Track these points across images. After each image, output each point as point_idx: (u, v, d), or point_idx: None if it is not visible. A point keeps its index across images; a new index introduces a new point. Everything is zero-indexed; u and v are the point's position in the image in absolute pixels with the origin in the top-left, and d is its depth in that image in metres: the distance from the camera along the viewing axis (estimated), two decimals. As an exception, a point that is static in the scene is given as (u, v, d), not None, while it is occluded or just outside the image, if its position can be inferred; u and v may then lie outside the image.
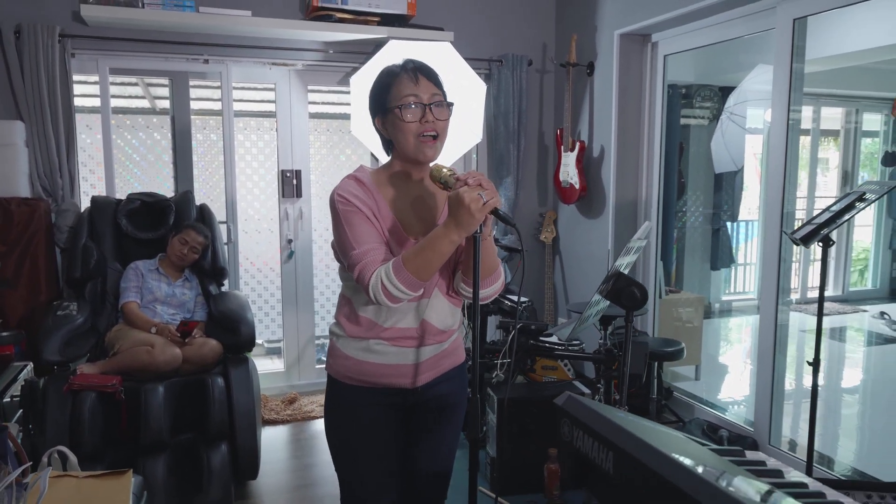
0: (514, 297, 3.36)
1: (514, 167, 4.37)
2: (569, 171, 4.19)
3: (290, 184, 4.20)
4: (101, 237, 3.42)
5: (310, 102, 4.23)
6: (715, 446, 0.98)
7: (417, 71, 1.60)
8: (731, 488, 0.69)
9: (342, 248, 1.61)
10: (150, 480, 2.57)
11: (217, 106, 4.04)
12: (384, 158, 4.45)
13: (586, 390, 2.94)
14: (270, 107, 4.21)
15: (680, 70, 4.62)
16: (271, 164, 4.29)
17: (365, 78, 3.85)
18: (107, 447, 2.70)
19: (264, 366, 4.47)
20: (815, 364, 2.36)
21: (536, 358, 3.33)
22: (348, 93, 4.00)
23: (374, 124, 1.67)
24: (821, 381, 2.43)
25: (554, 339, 3.24)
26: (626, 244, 4.05)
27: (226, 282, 3.62)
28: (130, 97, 4.44)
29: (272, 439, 3.62)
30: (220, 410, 2.81)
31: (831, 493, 0.81)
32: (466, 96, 3.98)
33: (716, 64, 5.42)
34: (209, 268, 3.47)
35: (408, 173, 1.67)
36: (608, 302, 1.90)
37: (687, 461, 0.74)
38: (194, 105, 4.16)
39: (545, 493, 2.85)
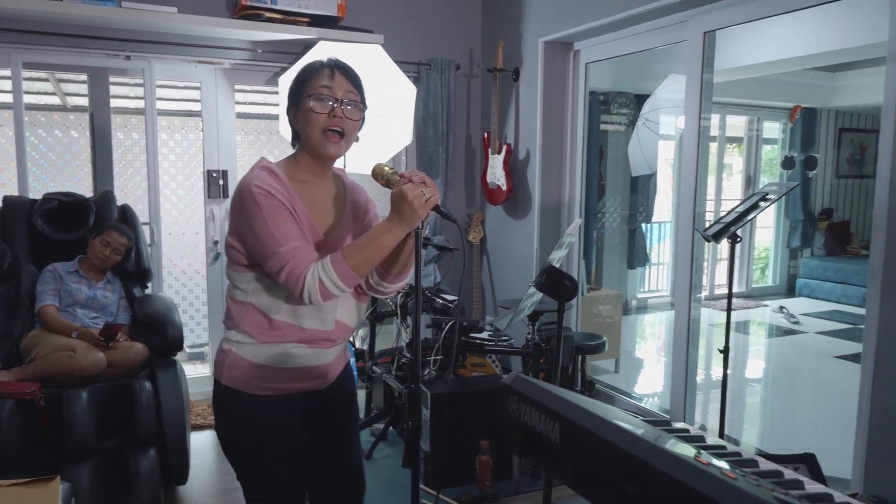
0: (447, 296, 3.44)
1: (442, 169, 4.46)
2: (496, 173, 4.32)
3: (216, 184, 4.13)
4: (14, 238, 3.26)
5: (237, 102, 4.18)
6: (645, 418, 1.08)
7: (337, 68, 1.59)
8: (668, 446, 0.78)
9: (264, 246, 1.49)
10: (76, 487, 2.48)
11: (139, 104, 3.92)
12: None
13: (516, 384, 3.04)
14: (196, 106, 4.12)
15: (599, 78, 4.85)
16: (196, 164, 4.20)
17: (293, 79, 3.84)
18: (27, 455, 2.59)
19: (188, 371, 4.35)
20: (726, 352, 2.56)
21: (466, 354, 3.42)
22: (277, 93, 3.97)
23: (288, 114, 1.64)
24: (729, 370, 2.63)
25: (484, 335, 3.34)
26: (551, 243, 4.20)
27: (149, 284, 3.53)
28: (40, 93, 4.25)
29: (200, 444, 3.55)
30: (147, 415, 2.74)
31: (746, 453, 0.92)
32: (397, 99, 4.03)
33: (632, 72, 5.72)
34: (133, 270, 3.37)
35: (314, 169, 1.63)
36: (541, 294, 2.00)
37: (626, 426, 0.83)
38: (115, 103, 4.03)
39: (478, 484, 2.94)
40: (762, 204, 2.52)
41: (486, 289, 4.72)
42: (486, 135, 4.44)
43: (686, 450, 0.84)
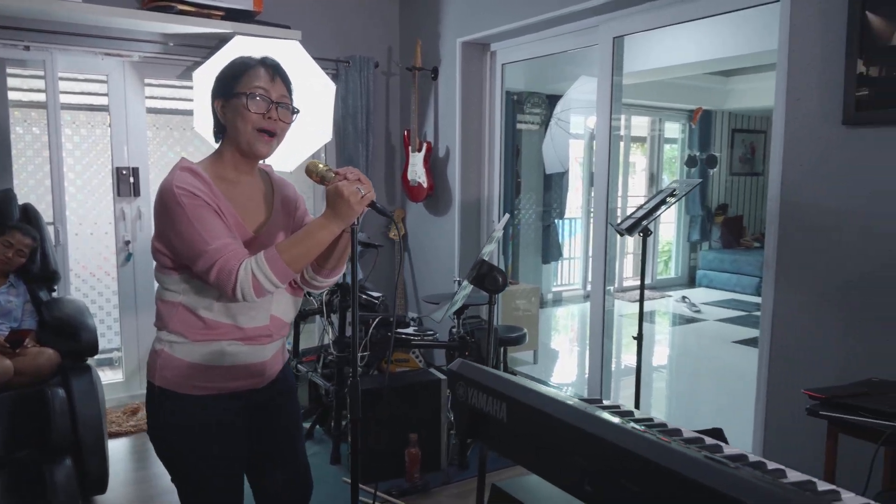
0: (372, 293, 3.46)
1: (362, 166, 4.47)
2: (416, 170, 4.37)
3: (127, 182, 3.96)
4: None
5: (147, 97, 4.02)
6: (579, 396, 1.17)
7: (274, 69, 1.59)
8: (604, 417, 0.86)
9: (191, 246, 1.48)
10: (-16, 504, 2.35)
11: (41, 97, 3.71)
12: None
13: (442, 376, 3.12)
14: (103, 100, 3.94)
15: (513, 78, 5.00)
16: (104, 160, 4.01)
17: (209, 73, 3.74)
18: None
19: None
20: (639, 338, 2.73)
21: (393, 350, 3.46)
22: (191, 87, 3.86)
23: (213, 105, 1.60)
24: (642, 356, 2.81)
25: (409, 330, 3.39)
26: (472, 239, 4.31)
27: (56, 287, 3.36)
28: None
29: (117, 452, 3.41)
30: (62, 423, 2.62)
31: (671, 425, 1.02)
32: (316, 95, 4.01)
33: (544, 74, 5.92)
34: (38, 272, 3.20)
35: (239, 166, 1.61)
36: (472, 287, 2.08)
37: (569, 401, 0.91)
38: (13, 95, 3.79)
39: (406, 476, 2.99)
40: (670, 200, 2.70)
41: (408, 284, 4.77)
42: (405, 132, 4.48)
43: (620, 419, 0.93)
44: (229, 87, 1.56)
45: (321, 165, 1.61)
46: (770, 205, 2.60)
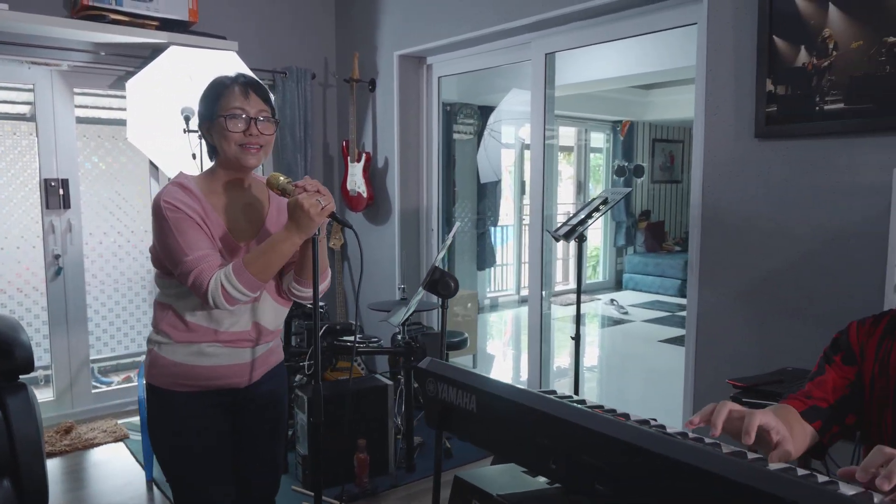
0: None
1: (301, 177, 4.48)
2: (356, 180, 4.43)
3: (56, 194, 3.85)
4: None
5: (77, 106, 3.92)
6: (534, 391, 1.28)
7: (248, 86, 1.68)
8: (564, 402, 0.97)
9: (172, 255, 1.61)
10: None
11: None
12: (164, 166, 4.32)
13: (388, 382, 3.19)
14: (29, 109, 3.81)
15: (446, 90, 5.13)
16: (32, 172, 3.88)
17: (143, 83, 3.69)
18: None
19: (27, 396, 4.01)
20: (577, 338, 2.88)
21: (337, 358, 3.50)
22: (123, 97, 3.79)
23: (201, 129, 1.73)
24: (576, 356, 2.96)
25: (351, 338, 3.44)
26: (413, 247, 4.39)
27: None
28: None
29: (52, 472, 3.29)
30: (-2, 443, 2.54)
31: (619, 410, 1.14)
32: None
33: (476, 86, 6.09)
34: (-35, 289, 3.08)
35: (232, 181, 1.73)
36: (424, 291, 2.16)
37: (533, 391, 1.01)
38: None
39: (356, 481, 3.04)
40: (602, 207, 2.88)
41: (348, 293, 4.81)
42: (344, 143, 4.53)
43: (577, 403, 1.04)
44: (210, 110, 1.67)
45: (282, 178, 1.67)
46: (692, 211, 2.81)
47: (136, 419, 3.87)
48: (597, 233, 8.99)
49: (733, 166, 2.63)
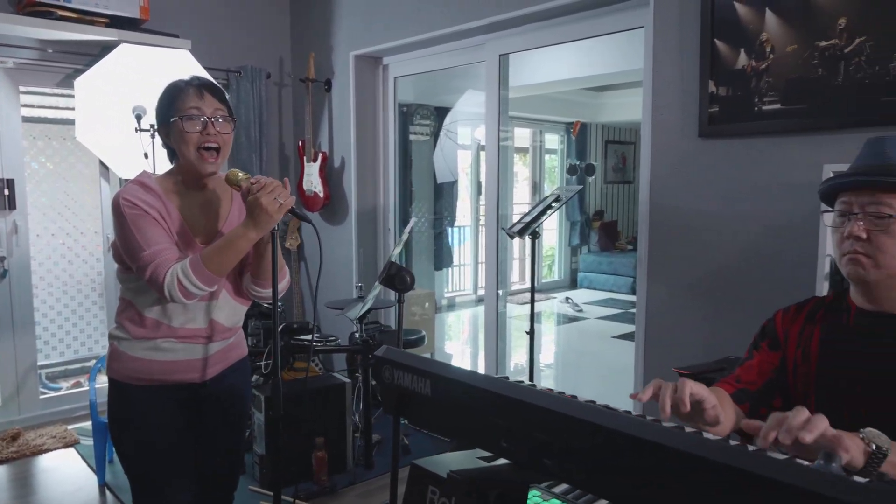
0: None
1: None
2: (312, 180, 4.43)
3: (1, 194, 3.74)
4: None
5: (24, 105, 3.82)
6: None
7: (203, 87, 1.70)
8: (515, 384, 1.02)
9: (130, 250, 1.64)
10: None
11: None
12: (115, 166, 4.27)
13: (346, 380, 3.20)
14: (-28, 107, 3.70)
15: (402, 90, 5.16)
16: (-25, 172, 3.76)
17: (92, 81, 3.62)
18: None
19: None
20: (532, 333, 2.95)
21: (294, 358, 3.49)
22: (72, 96, 3.71)
23: (160, 134, 1.75)
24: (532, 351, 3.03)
25: (309, 336, 3.45)
26: (370, 247, 4.41)
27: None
28: None
29: (-2, 480, 3.22)
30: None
31: (580, 397, 1.19)
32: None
33: (433, 87, 6.14)
34: None
35: (190, 181, 1.75)
36: (381, 287, 2.19)
37: (479, 373, 1.06)
38: None
39: (314, 479, 3.05)
40: (555, 205, 2.95)
41: (305, 293, 4.79)
42: (300, 143, 4.52)
43: (536, 387, 1.09)
44: (166, 113, 1.69)
45: (240, 174, 1.68)
46: (641, 208, 2.91)
47: (87, 424, 3.79)
48: (552, 233, 9.14)
49: (679, 165, 2.73)
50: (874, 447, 1.00)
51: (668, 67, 2.74)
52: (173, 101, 1.68)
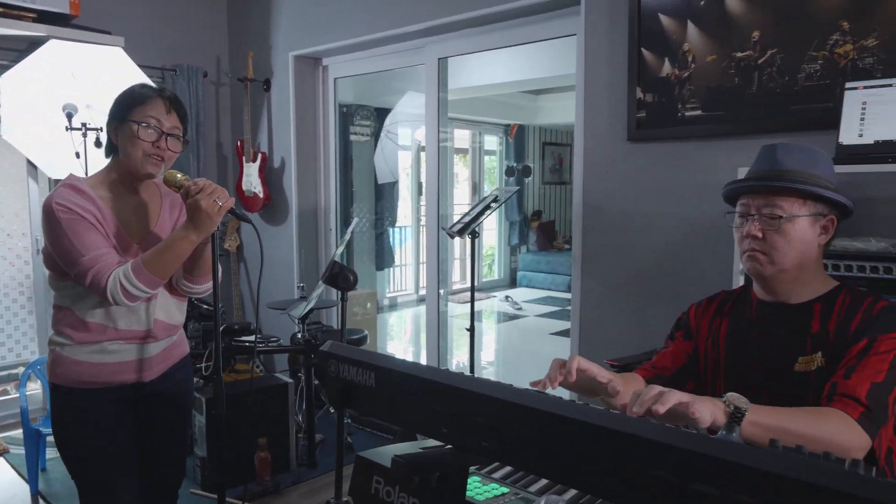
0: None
1: (193, 177, 4.39)
2: (251, 180, 4.40)
3: (-81, 195, 3.58)
4: None
5: (-57, 101, 3.65)
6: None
7: (171, 102, 1.72)
8: (452, 372, 1.09)
9: (68, 257, 1.62)
10: None
11: None
12: (44, 166, 4.15)
13: (289, 380, 3.21)
14: None
15: (342, 91, 5.18)
16: None
17: (19, 78, 3.50)
18: None
19: None
20: (472, 329, 3.04)
21: (236, 358, 3.48)
22: (-3, 93, 3.57)
23: (108, 127, 1.73)
24: (473, 349, 3.12)
25: (252, 338, 3.44)
26: (311, 247, 4.41)
27: None
28: None
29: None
30: None
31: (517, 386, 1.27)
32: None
33: (372, 88, 6.17)
34: None
35: (126, 182, 1.75)
36: (324, 286, 2.22)
37: (420, 364, 1.12)
38: None
39: (257, 480, 3.05)
40: (493, 205, 3.05)
41: (244, 294, 4.75)
42: (238, 143, 4.48)
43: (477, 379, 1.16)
44: (124, 112, 1.69)
45: (179, 175, 1.70)
46: (575, 209, 3.03)
47: (16, 432, 3.66)
48: (492, 233, 9.30)
49: (609, 167, 2.87)
50: (733, 408, 1.12)
51: (599, 74, 2.87)
52: (137, 104, 1.68)
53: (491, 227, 9.27)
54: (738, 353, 1.45)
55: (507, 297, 8.15)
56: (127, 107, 1.69)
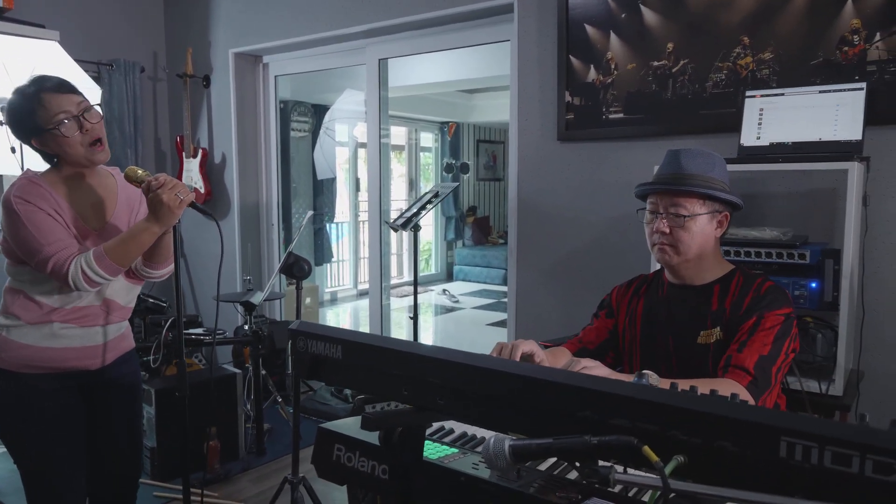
0: (158, 298, 3.50)
1: (133, 173, 4.38)
2: (192, 176, 4.42)
3: None
4: None
5: None
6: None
7: (56, 88, 1.73)
8: (415, 343, 1.26)
9: (27, 247, 1.68)
10: None
11: None
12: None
13: (237, 370, 3.30)
14: None
15: (281, 87, 5.25)
16: None
17: (-50, 71, 3.44)
18: None
19: None
20: (415, 318, 3.21)
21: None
22: (-75, 86, 3.49)
23: (32, 145, 1.75)
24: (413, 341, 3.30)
25: (199, 330, 3.50)
26: (254, 242, 4.47)
27: None
28: None
29: None
30: None
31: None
32: (80, 99, 3.87)
33: (310, 84, 6.24)
34: None
35: (80, 174, 1.80)
36: (279, 275, 2.35)
37: (383, 336, 1.29)
38: None
39: (207, 469, 3.12)
40: (434, 200, 3.23)
41: (185, 289, 4.76)
42: (178, 138, 4.50)
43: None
44: (34, 126, 1.70)
45: (140, 171, 1.79)
46: (510, 204, 3.25)
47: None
48: (429, 228, 9.48)
49: (541, 165, 3.10)
50: (646, 379, 1.32)
51: (530, 78, 3.09)
52: (35, 111, 1.69)
53: (428, 222, 9.45)
54: (651, 329, 1.68)
55: (444, 290, 8.36)
56: (30, 122, 1.70)
